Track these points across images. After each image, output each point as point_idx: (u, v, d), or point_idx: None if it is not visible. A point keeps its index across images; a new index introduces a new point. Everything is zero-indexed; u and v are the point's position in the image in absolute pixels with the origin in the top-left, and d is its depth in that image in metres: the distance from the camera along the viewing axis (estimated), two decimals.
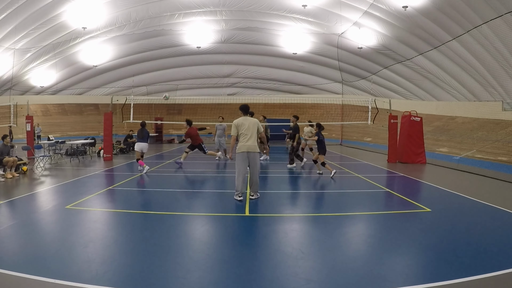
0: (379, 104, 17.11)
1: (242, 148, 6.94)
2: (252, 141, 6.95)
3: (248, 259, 4.13)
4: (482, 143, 14.79)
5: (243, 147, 6.94)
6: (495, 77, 15.50)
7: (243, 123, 7.04)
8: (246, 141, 6.94)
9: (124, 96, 19.14)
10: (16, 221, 5.57)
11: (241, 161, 6.96)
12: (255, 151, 6.99)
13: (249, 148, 6.91)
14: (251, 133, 6.97)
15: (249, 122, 7.05)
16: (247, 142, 6.93)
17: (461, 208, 6.85)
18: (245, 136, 6.96)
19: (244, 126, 7.02)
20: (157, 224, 5.56)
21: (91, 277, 3.55)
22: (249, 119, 7.16)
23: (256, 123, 7.13)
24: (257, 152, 7.07)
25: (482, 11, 13.33)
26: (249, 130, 6.98)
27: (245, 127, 7.00)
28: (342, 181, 9.70)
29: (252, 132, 6.97)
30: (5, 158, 9.86)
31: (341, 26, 21.04)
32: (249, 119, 7.16)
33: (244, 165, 6.97)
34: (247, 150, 6.91)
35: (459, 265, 3.91)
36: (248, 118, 7.19)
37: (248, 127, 6.99)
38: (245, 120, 7.08)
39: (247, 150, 6.91)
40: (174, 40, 25.46)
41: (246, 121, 7.07)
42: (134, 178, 9.85)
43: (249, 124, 7.03)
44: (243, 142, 6.97)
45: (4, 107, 19.50)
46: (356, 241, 4.91)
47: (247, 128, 6.98)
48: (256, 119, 7.34)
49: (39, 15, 19.02)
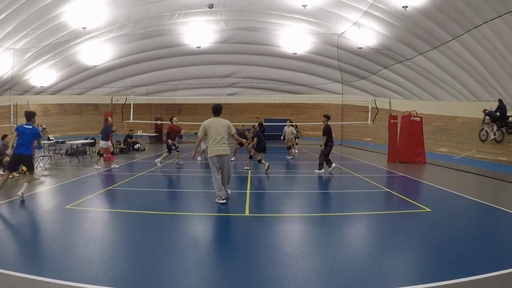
0: (379, 104, 17.12)
1: (213, 152, 6.71)
2: (221, 144, 6.70)
3: (248, 259, 4.13)
4: (482, 143, 14.79)
5: (214, 151, 6.70)
6: (495, 77, 15.49)
7: (212, 126, 6.77)
8: (215, 145, 6.69)
9: (124, 96, 19.16)
10: (16, 221, 5.57)
11: (214, 166, 6.76)
12: (225, 154, 6.76)
13: (219, 152, 6.68)
14: (221, 136, 6.71)
15: (218, 124, 6.78)
16: (217, 145, 6.68)
17: (461, 208, 6.86)
18: (215, 140, 6.70)
19: (212, 128, 6.74)
20: (157, 224, 5.56)
21: (91, 277, 3.55)
22: (219, 120, 6.87)
23: (226, 125, 6.86)
24: (228, 154, 6.84)
25: (482, 11, 13.33)
26: (218, 133, 6.70)
27: (214, 129, 6.72)
28: (342, 181, 9.71)
29: (222, 135, 6.72)
30: (5, 158, 9.86)
31: (341, 26, 21.03)
32: (219, 120, 6.87)
33: (215, 168, 6.77)
34: (217, 154, 6.69)
35: (459, 265, 3.91)
36: (219, 119, 6.89)
37: (217, 130, 6.72)
38: (215, 122, 6.81)
39: (217, 154, 6.69)
40: (174, 40, 25.46)
41: (216, 123, 6.81)
42: (134, 178, 9.85)
43: (219, 126, 6.76)
44: (212, 146, 6.71)
45: (4, 107, 19.51)
46: (356, 241, 4.92)
47: (216, 130, 6.72)
48: (227, 120, 6.96)
49: (39, 15, 19.00)
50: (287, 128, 15.93)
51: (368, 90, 25.10)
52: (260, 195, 8.06)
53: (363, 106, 22.52)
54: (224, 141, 6.77)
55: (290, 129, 15.82)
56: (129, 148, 17.84)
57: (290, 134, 15.79)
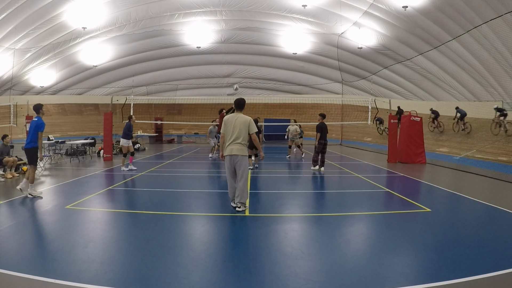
0: (379, 104, 17.13)
1: (226, 150, 6.13)
2: (236, 144, 6.05)
3: (248, 259, 4.13)
4: (482, 143, 14.80)
5: (226, 150, 6.12)
6: (495, 77, 15.50)
7: (230, 122, 6.13)
8: (230, 143, 6.08)
9: (124, 96, 19.16)
10: (16, 221, 5.57)
11: (226, 167, 6.23)
12: (237, 154, 6.03)
13: (231, 151, 6.04)
14: (237, 133, 6.05)
15: (237, 121, 6.11)
16: (231, 144, 6.07)
17: (461, 208, 6.86)
18: (231, 137, 6.09)
19: (230, 125, 6.12)
20: (157, 224, 5.56)
21: (91, 277, 3.54)
22: (240, 116, 6.18)
23: (247, 123, 6.13)
24: (243, 155, 6.10)
25: (482, 11, 13.34)
26: (235, 130, 6.06)
27: (231, 126, 6.09)
28: (342, 181, 9.71)
29: (238, 133, 6.06)
30: (5, 158, 9.87)
31: (341, 26, 21.04)
32: (240, 116, 6.18)
33: (229, 171, 6.20)
34: (229, 153, 6.07)
35: (459, 265, 3.91)
36: (240, 115, 6.21)
37: (235, 126, 6.07)
38: (234, 118, 6.15)
39: (229, 154, 6.07)
40: (174, 40, 25.47)
41: (235, 119, 6.13)
42: (134, 178, 9.85)
43: (237, 123, 6.08)
44: (227, 144, 6.13)
45: (4, 107, 19.52)
46: (356, 241, 4.91)
47: (234, 127, 6.08)
48: (249, 117, 6.26)
49: (39, 15, 19.01)
50: (291, 127, 16.21)
51: (368, 90, 25.11)
52: (260, 195, 8.06)
53: (363, 106, 22.52)
54: (241, 140, 6.07)
55: (294, 128, 16.11)
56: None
57: (294, 131, 16.06)
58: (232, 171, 6.17)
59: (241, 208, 6.16)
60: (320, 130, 10.97)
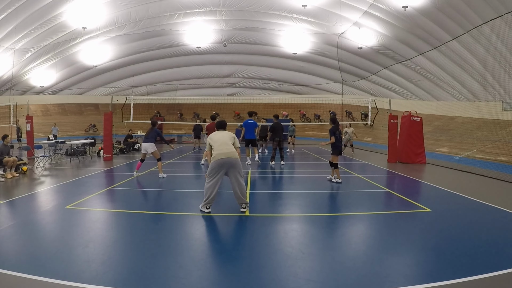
0: (379, 104, 17.11)
1: (220, 155, 6.04)
2: (230, 147, 6.15)
3: (248, 259, 4.13)
4: (482, 143, 14.79)
5: (221, 154, 6.05)
6: (495, 77, 15.51)
7: (215, 137, 6.32)
8: (222, 148, 6.11)
9: (124, 96, 19.15)
10: (16, 221, 5.57)
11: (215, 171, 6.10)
12: (236, 158, 6.13)
13: (227, 155, 6.04)
14: (226, 143, 6.20)
15: (222, 134, 6.34)
16: (224, 149, 6.11)
17: (461, 208, 6.85)
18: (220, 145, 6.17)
19: (215, 138, 6.28)
20: (157, 224, 5.56)
21: (91, 277, 3.54)
22: (224, 132, 6.44)
23: (231, 136, 6.36)
24: (238, 158, 6.18)
25: (482, 11, 13.34)
26: (224, 140, 6.22)
27: (218, 138, 6.27)
28: (342, 181, 9.69)
29: (227, 143, 6.19)
30: (5, 158, 9.86)
31: (341, 26, 21.05)
32: (224, 132, 6.44)
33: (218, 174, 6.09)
34: (225, 156, 6.02)
35: (459, 265, 3.91)
36: (224, 131, 6.46)
37: (223, 139, 6.24)
38: (218, 133, 6.39)
39: (226, 156, 6.02)
40: (174, 40, 25.48)
41: (220, 133, 6.37)
42: (134, 178, 9.84)
43: (223, 138, 6.26)
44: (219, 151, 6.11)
45: (4, 107, 19.53)
46: (356, 241, 4.91)
47: (220, 139, 6.24)
48: (230, 132, 6.46)
49: (39, 15, 19.02)
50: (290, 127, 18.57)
51: (368, 90, 25.12)
52: (260, 195, 8.06)
53: (363, 106, 22.52)
54: (231, 147, 6.19)
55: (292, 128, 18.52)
56: (129, 148, 17.82)
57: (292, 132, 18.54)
58: (222, 174, 6.07)
59: (245, 209, 6.22)
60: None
